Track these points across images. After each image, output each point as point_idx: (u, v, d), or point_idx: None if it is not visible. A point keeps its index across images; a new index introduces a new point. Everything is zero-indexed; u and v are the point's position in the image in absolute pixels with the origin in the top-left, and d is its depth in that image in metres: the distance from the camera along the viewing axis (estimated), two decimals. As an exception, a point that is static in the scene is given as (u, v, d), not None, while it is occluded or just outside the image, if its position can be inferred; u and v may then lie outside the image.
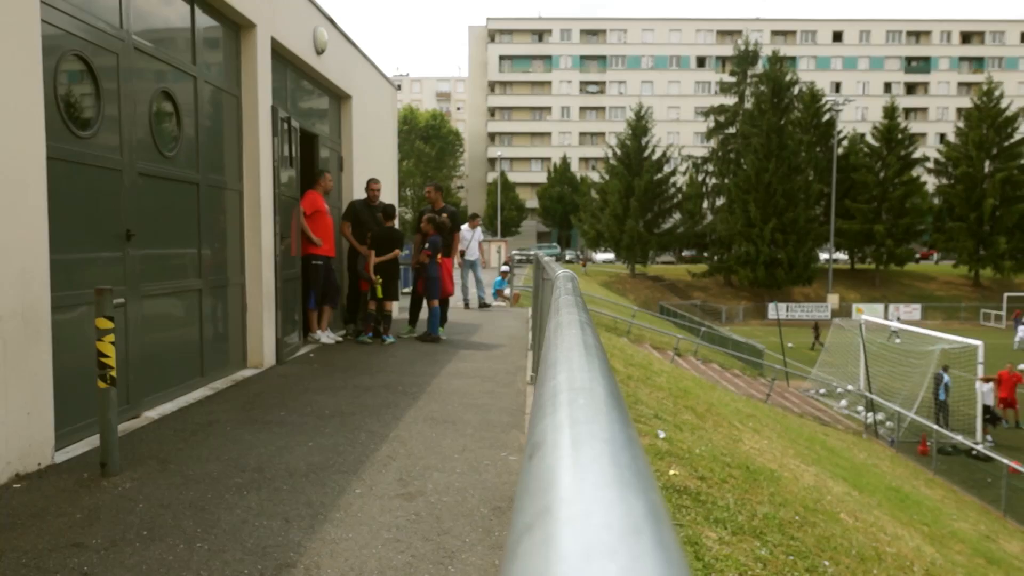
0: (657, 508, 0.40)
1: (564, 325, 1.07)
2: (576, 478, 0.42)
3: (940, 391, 20.71)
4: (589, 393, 0.62)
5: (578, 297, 1.74)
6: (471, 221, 15.28)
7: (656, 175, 57.53)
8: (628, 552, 0.33)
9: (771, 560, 4.38)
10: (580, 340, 0.91)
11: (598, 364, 0.80)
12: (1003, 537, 11.78)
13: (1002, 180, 55.04)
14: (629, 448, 0.49)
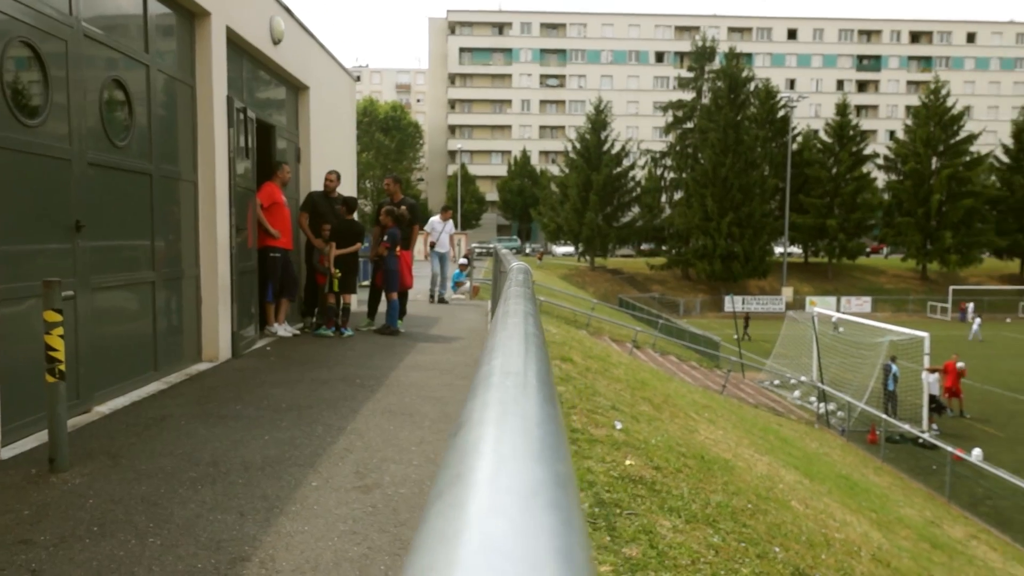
0: (561, 476, 0.43)
1: (510, 314, 1.10)
2: (489, 450, 0.45)
3: (889, 381, 21.25)
4: (518, 376, 0.65)
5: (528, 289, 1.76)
6: (443, 213, 14.91)
7: (615, 169, 57.97)
8: (522, 511, 0.36)
9: (723, 547, 4.47)
10: (521, 329, 0.94)
11: (534, 351, 0.82)
12: (947, 522, 12.14)
13: (948, 176, 56.54)
14: (545, 425, 0.52)
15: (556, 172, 65.39)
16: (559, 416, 0.60)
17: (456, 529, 0.33)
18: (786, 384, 24.63)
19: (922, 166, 57.98)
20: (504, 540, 0.33)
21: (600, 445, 5.88)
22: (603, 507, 4.55)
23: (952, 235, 55.89)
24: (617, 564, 3.76)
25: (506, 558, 0.31)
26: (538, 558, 0.31)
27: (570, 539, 0.35)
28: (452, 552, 0.31)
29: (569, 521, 0.37)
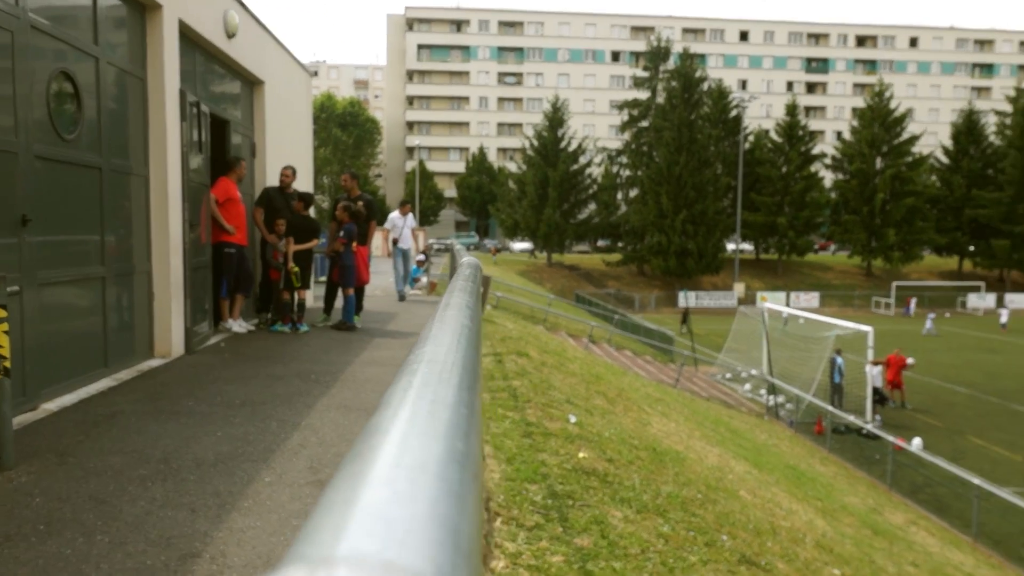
0: (457, 453, 0.47)
1: (450, 307, 1.16)
2: (395, 429, 0.49)
3: (835, 374, 21.79)
4: (442, 365, 0.71)
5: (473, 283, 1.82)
6: (401, 208, 14.69)
7: (572, 166, 58.35)
8: (409, 482, 0.40)
9: (673, 536, 4.58)
10: (456, 322, 1.00)
11: (463, 342, 0.88)
12: (888, 509, 12.52)
13: (891, 176, 58.11)
14: (455, 407, 0.58)
15: (514, 169, 65.55)
16: (473, 401, 0.66)
17: (347, 498, 0.37)
18: (737, 377, 25.09)
19: (867, 166, 59.50)
20: (386, 507, 0.36)
21: (554, 438, 5.96)
22: (556, 499, 4.62)
23: (895, 233, 57.45)
24: (569, 554, 3.84)
25: (386, 522, 0.34)
26: (415, 523, 0.35)
27: (451, 507, 0.39)
28: (339, 517, 0.35)
29: (454, 492, 0.41)
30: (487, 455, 5.23)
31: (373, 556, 0.32)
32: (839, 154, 62.78)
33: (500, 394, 7.21)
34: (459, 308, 1.13)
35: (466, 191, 75.71)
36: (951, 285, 57.89)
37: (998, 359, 32.31)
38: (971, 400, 23.74)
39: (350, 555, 0.32)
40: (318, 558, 0.31)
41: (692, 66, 57.62)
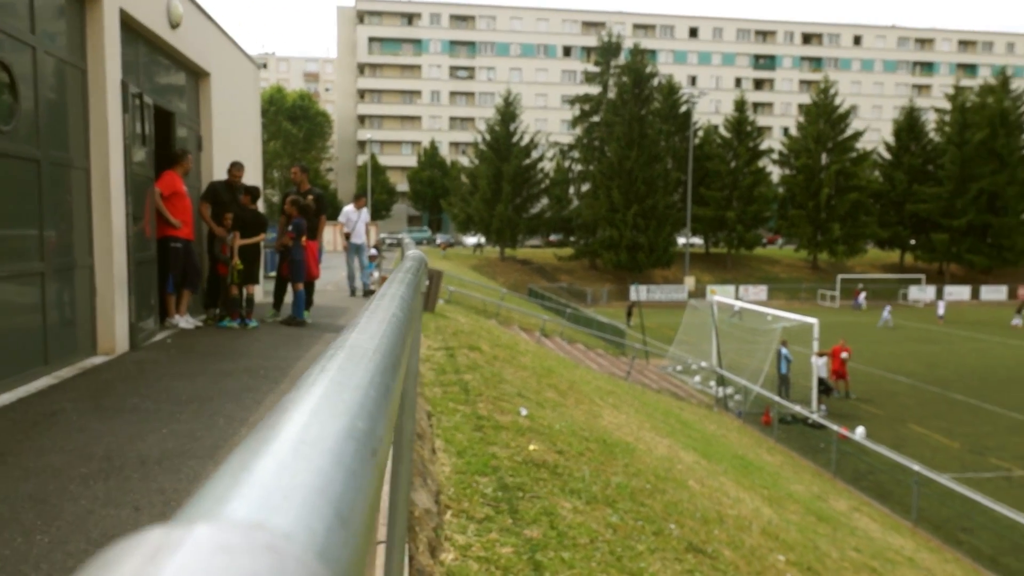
0: (356, 431, 0.49)
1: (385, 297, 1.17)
2: (299, 408, 0.51)
3: (782, 365, 22.24)
4: (363, 351, 0.73)
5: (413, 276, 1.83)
6: (356, 201, 14.27)
7: (524, 161, 58.43)
8: (293, 454, 0.42)
9: (621, 525, 4.65)
10: (388, 312, 1.01)
11: (390, 331, 0.90)
12: (832, 496, 12.84)
13: (836, 171, 59.47)
14: (365, 389, 0.60)
15: (466, 163, 65.45)
16: (389, 384, 0.68)
17: (235, 471, 0.39)
18: (687, 370, 25.45)
19: (813, 161, 60.79)
20: (271, 477, 0.38)
21: (505, 431, 5.99)
22: (506, 491, 4.65)
23: (840, 227, 58.82)
24: (518, 545, 3.87)
25: (266, 490, 0.36)
26: (295, 491, 0.37)
27: (337, 480, 0.41)
28: (222, 487, 0.36)
29: (344, 465, 0.43)
30: (437, 449, 5.24)
31: (243, 519, 0.33)
32: (786, 150, 63.99)
33: (451, 388, 7.22)
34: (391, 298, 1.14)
35: (418, 185, 75.33)
36: (893, 278, 59.47)
37: (937, 349, 33.32)
38: (912, 389, 24.44)
39: (219, 517, 0.33)
40: (185, 520, 0.32)
41: (643, 62, 58.15)
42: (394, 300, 1.13)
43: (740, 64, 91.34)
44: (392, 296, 1.17)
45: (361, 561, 0.41)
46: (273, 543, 0.31)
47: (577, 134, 60.70)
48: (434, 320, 11.98)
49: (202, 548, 0.29)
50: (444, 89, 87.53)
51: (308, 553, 0.33)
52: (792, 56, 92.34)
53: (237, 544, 0.30)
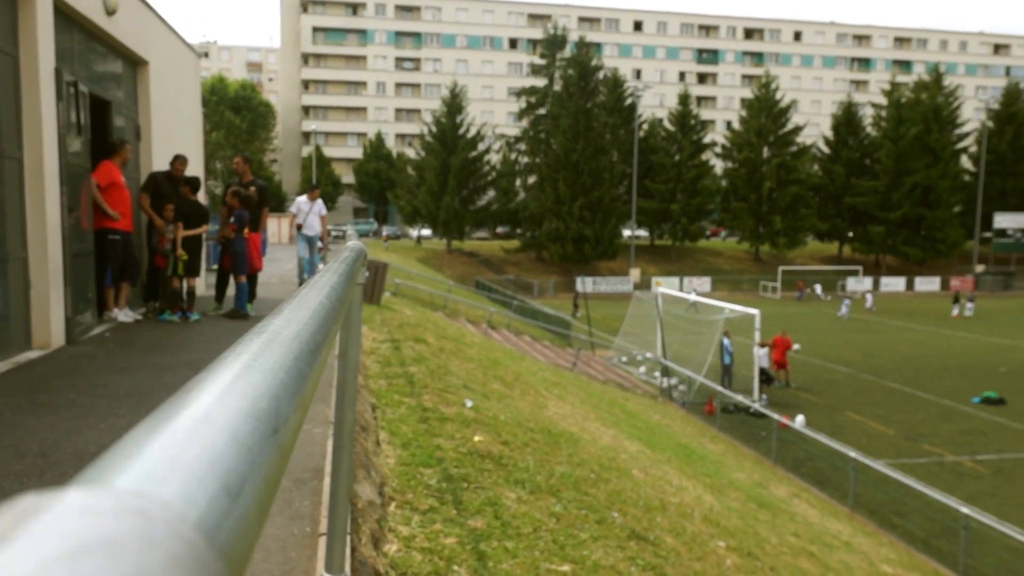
0: (256, 411, 0.50)
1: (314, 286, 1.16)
2: (202, 388, 0.52)
3: (724, 356, 22.66)
4: (282, 337, 0.73)
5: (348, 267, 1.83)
6: (310, 192, 13.83)
7: (471, 153, 58.32)
8: (188, 430, 0.43)
9: (565, 514, 4.70)
10: (315, 300, 1.01)
11: (312, 319, 0.90)
12: (773, 483, 13.15)
13: (777, 165, 60.76)
14: (273, 373, 0.61)
15: (412, 155, 65.01)
16: (304, 370, 0.71)
17: (129, 445, 0.40)
18: (633, 361, 25.76)
19: (755, 155, 61.99)
20: (161, 450, 0.39)
21: (450, 423, 6.00)
22: (451, 482, 4.67)
23: (781, 219, 60.13)
24: (462, 535, 3.89)
25: (153, 463, 0.37)
26: (181, 464, 0.38)
27: (229, 455, 0.42)
28: (111, 460, 0.37)
29: (239, 442, 0.45)
30: (382, 441, 5.22)
31: (123, 488, 0.33)
32: (728, 143, 65.10)
33: (397, 380, 7.20)
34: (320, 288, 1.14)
35: (364, 177, 74.57)
36: (832, 269, 61.01)
37: (873, 339, 34.32)
38: (849, 378, 25.14)
39: (98, 485, 0.33)
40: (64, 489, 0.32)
41: (588, 55, 58.48)
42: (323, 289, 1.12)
43: (684, 58, 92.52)
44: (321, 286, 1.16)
45: (248, 533, 0.41)
46: (144, 508, 0.31)
47: (523, 126, 60.84)
48: (380, 313, 11.90)
49: (69, 511, 0.29)
50: (390, 80, 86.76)
51: (183, 522, 0.33)
52: (734, 51, 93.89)
53: (106, 508, 0.30)
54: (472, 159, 58.44)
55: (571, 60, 57.98)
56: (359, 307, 2.72)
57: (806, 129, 66.34)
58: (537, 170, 58.49)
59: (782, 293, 55.30)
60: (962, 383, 24.26)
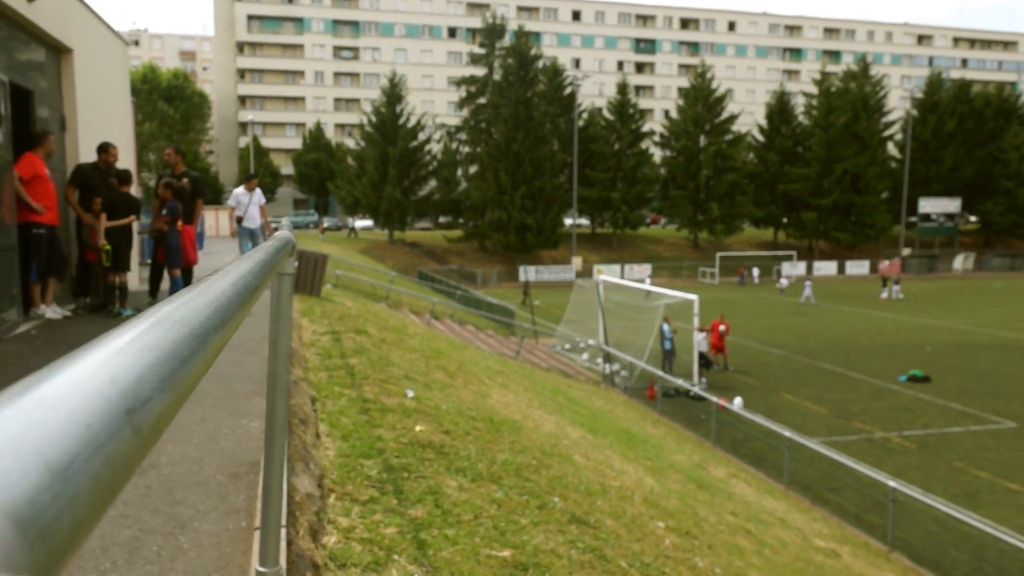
0: (105, 390, 0.51)
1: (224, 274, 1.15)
2: (56, 366, 0.53)
3: (665, 341, 23.01)
4: (169, 320, 0.73)
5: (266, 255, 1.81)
6: (247, 182, 13.35)
7: (411, 143, 57.88)
8: (20, 411, 0.43)
9: (506, 501, 4.73)
10: (217, 287, 1.00)
11: (210, 305, 0.89)
12: (712, 465, 13.44)
13: (714, 153, 61.82)
14: (138, 355, 0.62)
15: (352, 145, 64.18)
16: (182, 353, 0.70)
17: None
18: (576, 348, 25.98)
19: (692, 143, 62.96)
20: None
21: (391, 413, 5.98)
22: (391, 472, 4.66)
23: (718, 206, 61.27)
24: (403, 525, 3.89)
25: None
26: (8, 442, 0.38)
27: (58, 431, 0.43)
28: None
29: (77, 420, 0.45)
30: (322, 433, 5.18)
31: None
32: (667, 132, 65.93)
33: (337, 372, 7.14)
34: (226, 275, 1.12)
35: (303, 168, 73.36)
36: (767, 255, 62.41)
37: (807, 322, 35.26)
38: (784, 360, 25.79)
39: None
40: None
41: (527, 44, 58.53)
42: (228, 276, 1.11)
43: (622, 47, 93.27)
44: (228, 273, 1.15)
45: (78, 515, 0.40)
46: None
47: (464, 116, 60.60)
48: (320, 305, 11.77)
49: None
50: (328, 69, 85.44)
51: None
52: (671, 40, 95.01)
53: None
54: (413, 149, 58.02)
55: (510, 49, 57.93)
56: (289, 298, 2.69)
57: (741, 118, 67.61)
58: (478, 160, 58.37)
59: (720, 279, 56.38)
60: (890, 362, 25.11)
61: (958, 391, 21.36)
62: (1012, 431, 17.65)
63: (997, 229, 69.09)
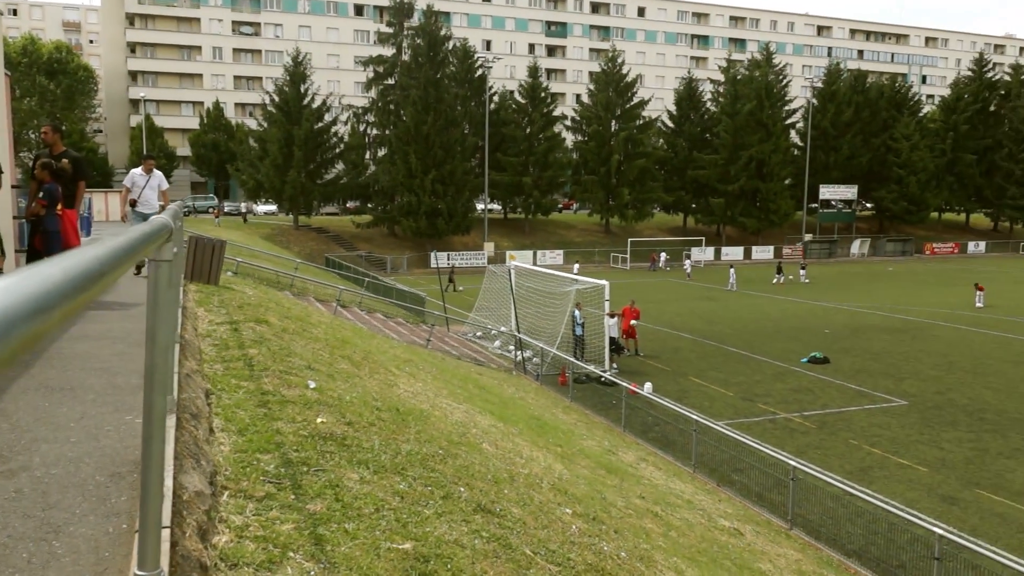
0: None
1: (62, 258, 1.00)
2: None
3: (576, 327, 23.22)
4: None
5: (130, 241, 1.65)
6: (144, 163, 12.11)
7: (317, 124, 56.47)
8: None
9: (409, 492, 4.62)
10: (44, 271, 0.86)
11: (62, 278, 0.77)
12: (622, 449, 13.62)
13: (625, 138, 62.66)
14: None
15: (254, 126, 62.15)
16: (21, 329, 0.57)
17: None
18: (488, 335, 25.93)
19: (603, 128, 63.63)
20: None
21: (292, 405, 5.78)
22: (290, 467, 4.49)
23: (629, 192, 62.20)
24: (300, 521, 3.74)
25: None
26: None
27: None
28: None
29: None
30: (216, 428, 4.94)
31: None
32: (578, 116, 66.40)
33: (235, 364, 6.86)
34: (60, 260, 0.97)
35: (201, 149, 70.50)
36: (678, 240, 63.81)
37: (715, 307, 36.25)
38: (693, 344, 26.43)
39: None
40: None
41: (436, 24, 57.84)
42: (63, 262, 0.95)
43: (533, 30, 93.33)
44: (64, 258, 0.98)
45: None
46: None
47: (372, 97, 59.37)
48: (218, 293, 11.31)
49: None
50: (227, 45, 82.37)
51: None
52: (582, 24, 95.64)
53: None
54: (318, 131, 56.62)
55: (419, 29, 57.10)
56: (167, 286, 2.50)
57: (651, 103, 68.70)
58: (387, 143, 57.46)
59: (631, 264, 57.34)
60: (792, 345, 26.06)
61: (854, 371, 22.33)
62: (903, 408, 18.56)
63: (890, 215, 72.61)
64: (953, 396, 19.64)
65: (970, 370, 22.56)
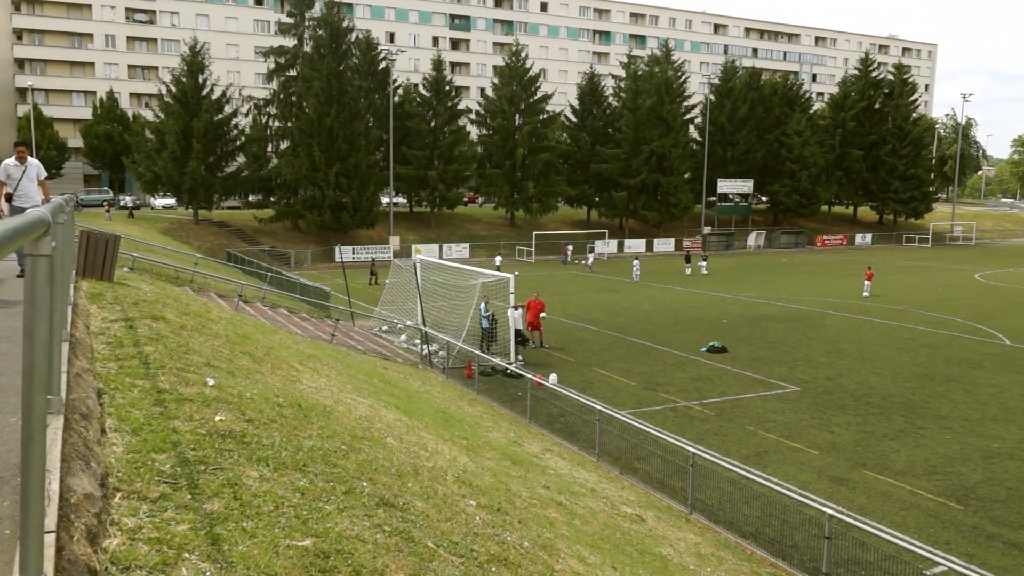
0: None
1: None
2: None
3: (482, 320, 23.34)
4: None
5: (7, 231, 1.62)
6: (16, 151, 10.87)
7: (217, 116, 54.77)
8: None
9: (310, 488, 4.60)
10: None
11: None
12: (527, 440, 13.81)
13: (529, 132, 63.18)
14: None
15: (151, 117, 59.68)
16: None
17: None
18: (394, 329, 25.78)
19: (507, 122, 64.00)
20: None
21: (189, 403, 5.65)
22: (187, 466, 4.40)
23: (533, 185, 62.77)
24: (196, 521, 3.68)
25: None
26: None
27: None
28: None
29: None
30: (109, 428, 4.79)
31: None
32: (483, 110, 66.52)
33: (129, 362, 6.64)
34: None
35: (95, 141, 67.35)
36: (582, 233, 64.77)
37: (618, 298, 37.01)
38: (597, 335, 26.93)
39: None
40: None
41: (339, 15, 56.87)
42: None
43: (437, 23, 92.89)
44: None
45: None
46: None
47: (273, 88, 57.84)
48: (113, 289, 10.88)
49: None
50: (120, 33, 78.85)
51: None
52: (486, 18, 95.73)
53: None
54: (218, 122, 54.90)
55: (321, 20, 55.99)
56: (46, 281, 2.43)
57: (554, 98, 69.47)
58: (290, 135, 56.18)
59: (536, 257, 57.90)
60: (692, 334, 26.90)
61: (751, 359, 23.24)
62: (795, 395, 19.44)
63: (784, 208, 75.71)
64: (842, 382, 20.68)
65: (858, 357, 23.79)
